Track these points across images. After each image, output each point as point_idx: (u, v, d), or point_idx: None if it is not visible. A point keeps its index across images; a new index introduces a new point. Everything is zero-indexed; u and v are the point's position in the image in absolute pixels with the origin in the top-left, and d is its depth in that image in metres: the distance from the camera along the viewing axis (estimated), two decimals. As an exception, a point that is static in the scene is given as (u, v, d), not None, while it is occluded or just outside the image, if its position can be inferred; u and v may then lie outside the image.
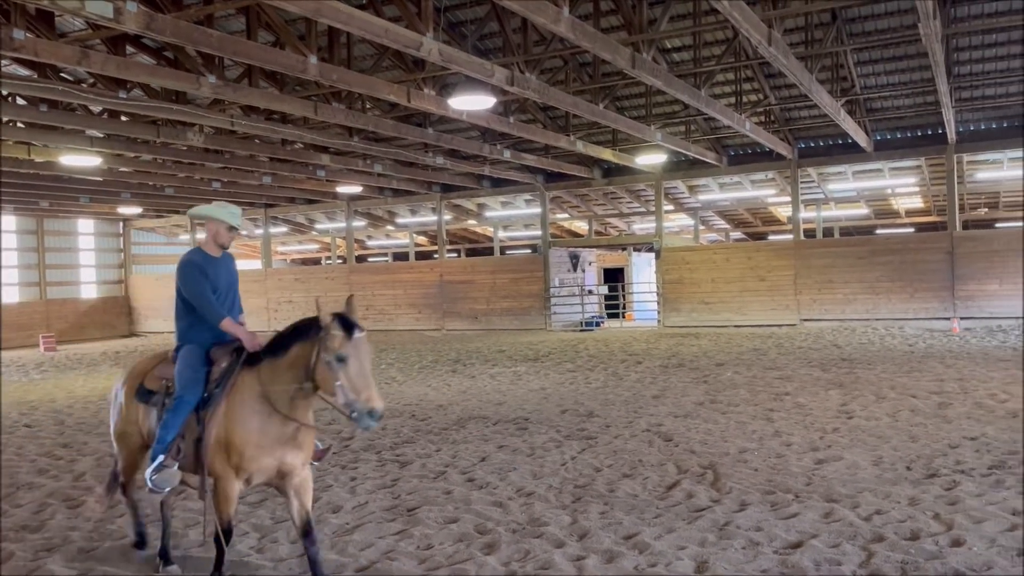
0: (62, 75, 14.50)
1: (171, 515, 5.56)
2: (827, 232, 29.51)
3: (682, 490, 6.59)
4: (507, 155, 20.74)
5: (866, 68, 18.48)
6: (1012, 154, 21.99)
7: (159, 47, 14.48)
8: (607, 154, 20.97)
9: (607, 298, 29.94)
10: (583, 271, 29.06)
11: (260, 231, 32.08)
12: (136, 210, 29.13)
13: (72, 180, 22.72)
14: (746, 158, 23.51)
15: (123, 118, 16.31)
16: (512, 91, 13.12)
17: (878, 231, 31.06)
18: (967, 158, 22.54)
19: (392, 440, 9.09)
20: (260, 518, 6.32)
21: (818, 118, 20.20)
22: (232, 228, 5.19)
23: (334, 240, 35.37)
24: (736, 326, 22.85)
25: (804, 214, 24.98)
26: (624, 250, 32.47)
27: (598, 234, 33.12)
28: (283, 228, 35.12)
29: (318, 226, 35.30)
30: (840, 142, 21.90)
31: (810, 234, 26.78)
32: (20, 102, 15.11)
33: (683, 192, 27.76)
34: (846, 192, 27.38)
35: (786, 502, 6.13)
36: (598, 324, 26.13)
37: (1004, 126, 20.46)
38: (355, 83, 12.69)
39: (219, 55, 11.97)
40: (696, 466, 7.36)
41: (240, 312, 5.33)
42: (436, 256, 30.49)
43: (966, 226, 27.83)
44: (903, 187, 26.57)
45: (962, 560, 4.84)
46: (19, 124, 16.41)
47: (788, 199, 24.71)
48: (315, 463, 5.20)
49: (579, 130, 20.47)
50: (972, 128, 20.78)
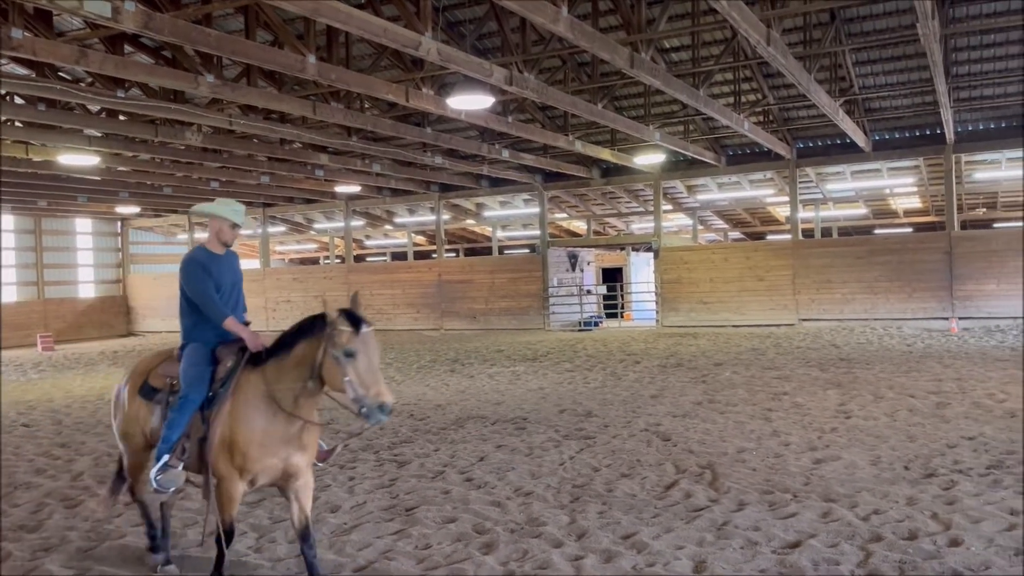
0: (60, 74, 14.49)
1: (170, 515, 5.55)
2: (825, 232, 29.53)
3: (680, 490, 6.59)
4: (505, 155, 20.74)
5: (865, 68, 18.49)
6: (1010, 154, 22.01)
7: (157, 46, 14.47)
8: (606, 154, 20.97)
9: (605, 298, 29.95)
10: (581, 271, 29.05)
11: (259, 230, 32.06)
12: (134, 209, 29.12)
13: (70, 179, 22.70)
14: (745, 158, 23.52)
15: (121, 117, 16.29)
16: (511, 91, 13.12)
17: (876, 231, 31.09)
18: (965, 158, 22.57)
19: (390, 440, 9.09)
20: (258, 518, 6.32)
21: (816, 118, 20.21)
22: (235, 225, 5.12)
23: (332, 240, 35.35)
24: (734, 326, 22.86)
25: (802, 214, 24.98)
26: (622, 250, 32.47)
27: (596, 234, 33.13)
28: (281, 228, 35.12)
29: (316, 226, 35.29)
30: (838, 142, 21.91)
31: (808, 234, 26.78)
32: (18, 101, 15.11)
33: (682, 192, 27.78)
34: (844, 192, 27.40)
35: (784, 502, 6.14)
36: (596, 324, 26.13)
37: (1002, 126, 20.48)
38: (354, 82, 12.69)
39: (217, 54, 11.96)
40: (694, 466, 7.36)
41: (244, 310, 5.26)
42: (434, 256, 30.49)
43: (964, 226, 27.88)
44: (901, 187, 26.59)
45: (960, 560, 4.85)
46: (17, 123, 16.40)
47: (786, 199, 24.73)
48: (320, 464, 5.15)
49: (578, 130, 20.47)
50: (970, 128, 20.80)
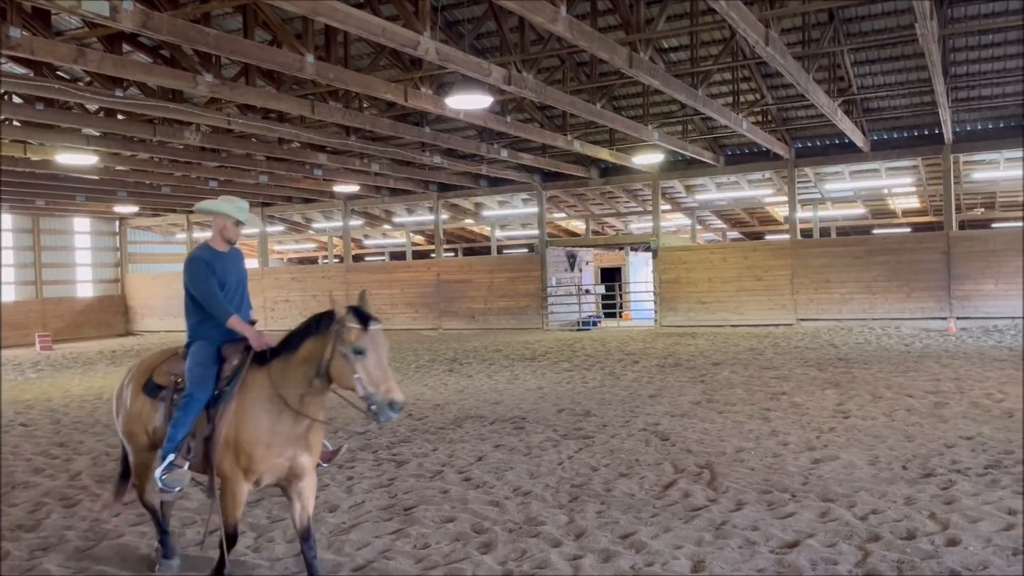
0: (58, 73, 14.48)
1: (170, 514, 5.53)
2: (824, 232, 29.55)
3: (679, 489, 6.59)
4: (504, 154, 20.74)
5: (863, 68, 18.50)
6: (1008, 154, 22.04)
7: (156, 45, 14.46)
8: (604, 153, 20.98)
9: (604, 297, 29.96)
10: (580, 270, 29.05)
11: (257, 230, 32.03)
12: (132, 209, 29.09)
13: (68, 179, 22.69)
14: (743, 158, 23.53)
15: (119, 117, 16.28)
16: (509, 90, 13.12)
17: (875, 231, 31.14)
18: (963, 158, 22.59)
19: (389, 439, 9.08)
20: (256, 517, 6.31)
21: (815, 118, 20.23)
22: (239, 222, 5.07)
23: (331, 239, 35.33)
24: (733, 326, 22.88)
25: (801, 214, 24.99)
26: (621, 249, 32.48)
27: (595, 233, 33.14)
28: (280, 227, 35.11)
29: (315, 225, 35.28)
30: (837, 142, 21.92)
31: (807, 234, 26.79)
32: (16, 100, 15.10)
33: (680, 192, 27.80)
34: (843, 192, 27.42)
35: (782, 501, 6.14)
36: (595, 323, 26.14)
37: (1000, 126, 20.49)
38: (352, 82, 12.69)
39: (216, 54, 11.95)
40: (693, 465, 7.37)
41: (250, 308, 5.20)
42: (433, 255, 30.49)
43: (962, 226, 27.89)
44: (900, 187, 26.61)
45: (958, 560, 4.85)
46: (15, 122, 16.39)
47: (785, 199, 24.74)
48: (324, 464, 5.12)
49: (576, 129, 20.47)
50: (968, 128, 20.81)
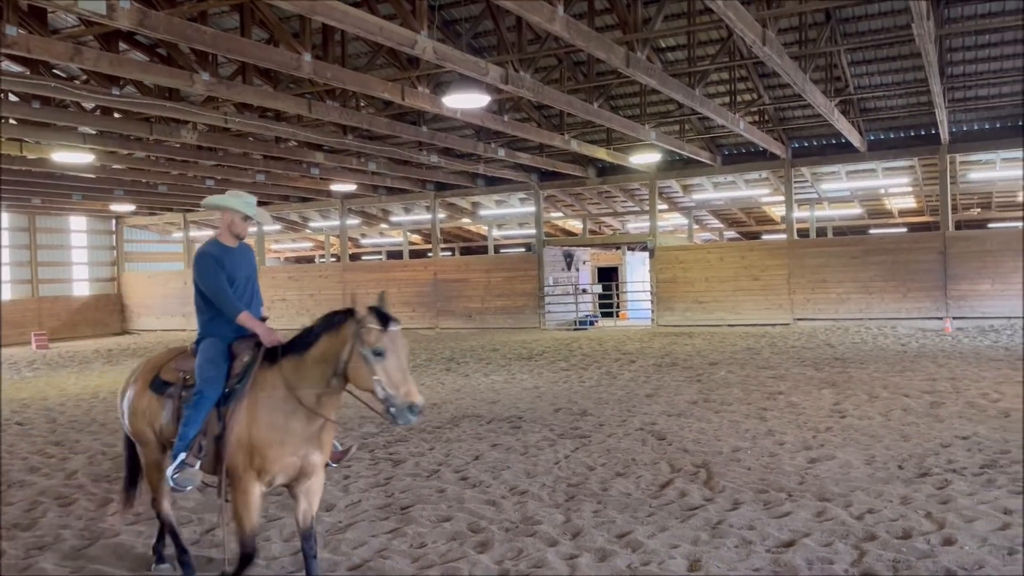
0: (55, 71, 14.45)
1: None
2: (820, 232, 29.58)
3: (675, 489, 6.60)
4: (501, 154, 20.73)
5: (860, 68, 18.52)
6: (1005, 154, 22.10)
7: (152, 44, 14.43)
8: (601, 153, 20.98)
9: (601, 297, 29.96)
10: (577, 270, 29.06)
11: (254, 228, 32.00)
12: (129, 207, 29.04)
13: (64, 177, 22.63)
14: (740, 157, 23.55)
15: (116, 115, 16.24)
16: (506, 90, 13.12)
17: (871, 231, 31.17)
18: (960, 158, 22.63)
19: (385, 438, 9.08)
20: (253, 516, 6.29)
21: (812, 118, 20.25)
22: (247, 218, 5.02)
23: (328, 238, 35.29)
24: (730, 325, 22.90)
25: (798, 214, 25.02)
26: (618, 249, 32.49)
27: (592, 233, 33.15)
28: (277, 226, 35.07)
29: (312, 224, 35.25)
30: (834, 142, 21.95)
31: (804, 234, 26.83)
32: (12, 98, 15.05)
33: (677, 191, 27.82)
34: (839, 192, 27.46)
35: (779, 501, 6.15)
36: (592, 323, 26.15)
37: (997, 127, 20.53)
38: (349, 81, 12.67)
39: (213, 52, 11.91)
40: (689, 465, 7.37)
41: (260, 304, 5.14)
42: (430, 254, 30.47)
43: (959, 226, 27.96)
44: (896, 187, 26.65)
45: (953, 559, 4.86)
46: (11, 121, 16.33)
47: (782, 199, 24.75)
48: (333, 464, 5.08)
49: (573, 129, 20.47)
50: (965, 128, 20.84)
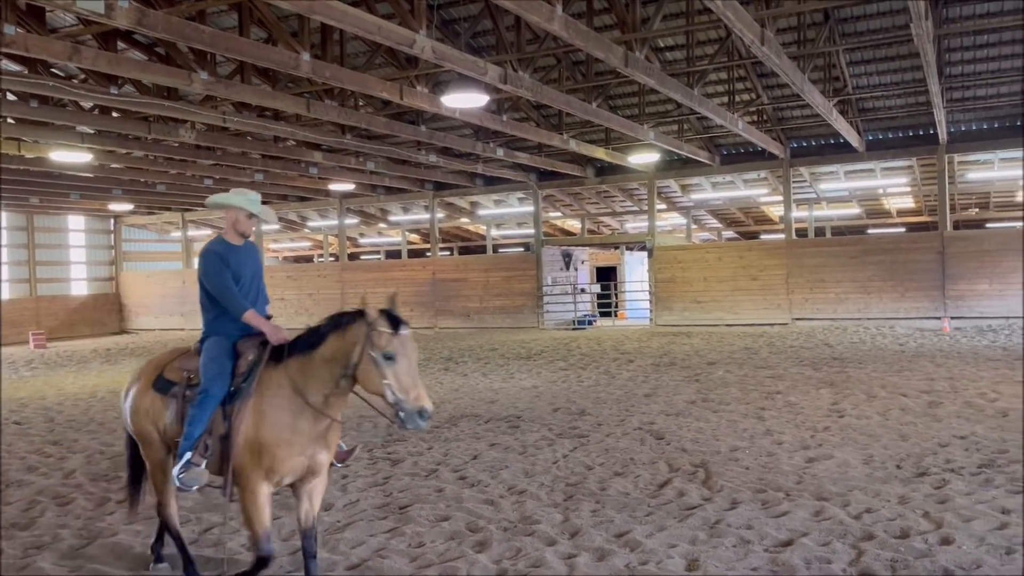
0: (53, 71, 14.43)
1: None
2: (819, 232, 29.59)
3: (673, 488, 6.60)
4: (500, 153, 20.73)
5: (858, 68, 18.53)
6: (1003, 154, 22.11)
7: (151, 43, 14.42)
8: (600, 153, 20.98)
9: (599, 297, 29.98)
10: (576, 270, 29.08)
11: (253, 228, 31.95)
12: (127, 207, 29.01)
13: (63, 176, 22.60)
14: (738, 157, 23.56)
15: (114, 114, 16.23)
16: (505, 89, 13.12)
17: (869, 231, 31.19)
18: (958, 158, 22.65)
19: (384, 438, 9.08)
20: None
21: (810, 118, 20.26)
22: (252, 215, 5.02)
23: (326, 238, 35.29)
24: (728, 325, 22.91)
25: (796, 213, 25.01)
26: (617, 249, 32.51)
27: (591, 233, 33.15)
28: (275, 226, 34.99)
29: (310, 224, 35.22)
30: (832, 142, 21.96)
31: (802, 233, 26.84)
32: (11, 97, 15.03)
33: (676, 191, 27.82)
34: (838, 192, 27.47)
35: (777, 500, 6.15)
36: (590, 323, 26.15)
37: (995, 127, 20.55)
38: (348, 80, 12.67)
39: (211, 51, 11.91)
40: (687, 464, 7.37)
41: (267, 302, 5.13)
42: (429, 254, 30.45)
43: (957, 226, 27.97)
44: (894, 187, 26.67)
45: (951, 558, 4.87)
46: (9, 120, 16.31)
47: (780, 198, 24.77)
48: (338, 464, 5.07)
49: (572, 129, 20.47)
50: (963, 129, 20.86)
